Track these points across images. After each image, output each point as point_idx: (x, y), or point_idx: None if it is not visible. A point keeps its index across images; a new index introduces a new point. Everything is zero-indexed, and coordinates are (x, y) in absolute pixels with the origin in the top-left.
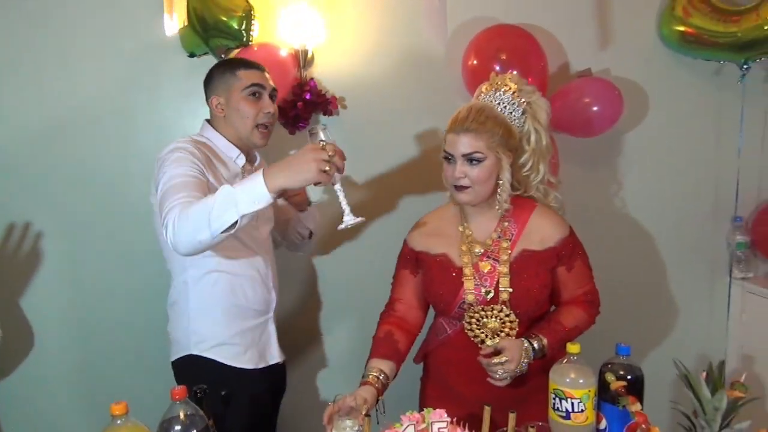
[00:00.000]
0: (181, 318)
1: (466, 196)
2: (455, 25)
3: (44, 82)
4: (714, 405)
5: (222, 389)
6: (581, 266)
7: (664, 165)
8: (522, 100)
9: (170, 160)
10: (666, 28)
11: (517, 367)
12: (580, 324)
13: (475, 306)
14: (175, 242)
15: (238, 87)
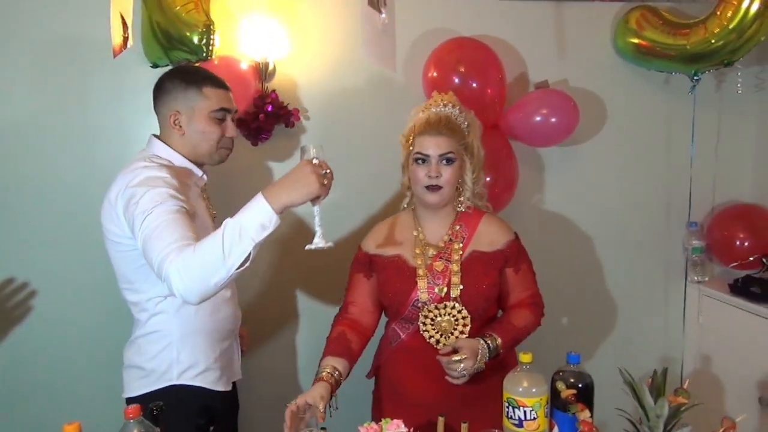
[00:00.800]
0: (162, 348)
1: (437, 196)
2: (415, 37)
3: (1, 94)
4: (656, 412)
5: (205, 415)
6: (527, 270)
7: (620, 172)
8: (463, 112)
9: (146, 195)
10: (621, 40)
11: (475, 364)
12: (528, 325)
13: (429, 305)
14: (185, 292)
15: (205, 108)
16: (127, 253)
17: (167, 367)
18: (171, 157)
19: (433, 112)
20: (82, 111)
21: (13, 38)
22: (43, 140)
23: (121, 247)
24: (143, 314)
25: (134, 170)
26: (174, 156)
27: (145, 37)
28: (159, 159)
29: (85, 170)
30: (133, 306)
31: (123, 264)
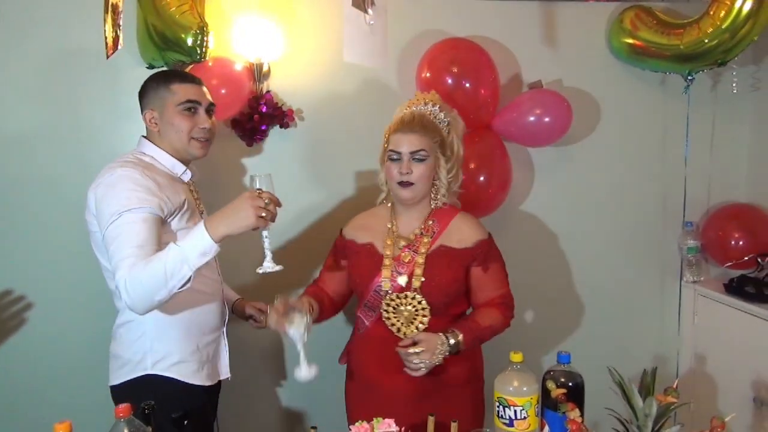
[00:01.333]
0: (137, 338)
1: (410, 192)
2: (409, 38)
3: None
4: (645, 411)
5: (179, 407)
6: (497, 270)
7: (614, 172)
8: (444, 111)
9: (115, 197)
10: (615, 41)
11: (432, 358)
12: (494, 324)
13: (391, 293)
14: (132, 304)
15: (173, 101)
16: (101, 243)
17: (142, 356)
18: (156, 155)
19: (408, 111)
20: (78, 114)
21: (16, 47)
22: (39, 145)
23: (97, 237)
24: (120, 302)
25: (111, 168)
26: (159, 153)
27: (141, 38)
28: (143, 156)
29: (81, 173)
30: (113, 294)
31: (100, 253)
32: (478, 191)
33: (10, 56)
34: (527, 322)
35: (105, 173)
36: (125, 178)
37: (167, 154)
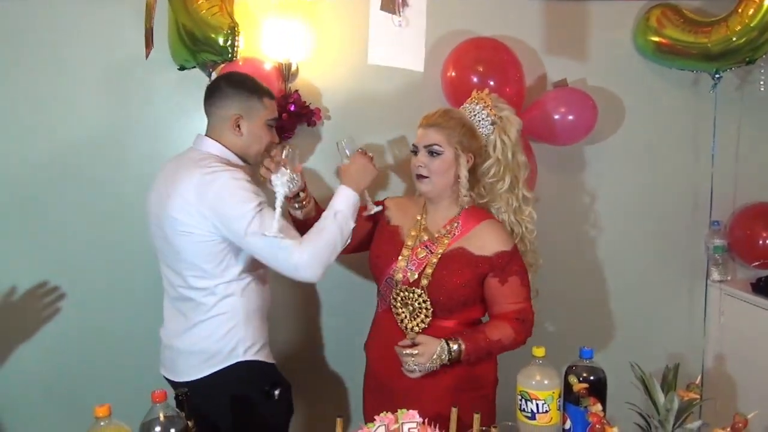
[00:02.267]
0: (229, 329)
1: (424, 185)
2: (435, 38)
3: (38, 101)
4: (666, 406)
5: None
6: (516, 283)
7: (641, 171)
8: (494, 112)
9: (237, 196)
10: (641, 39)
11: (427, 362)
12: (504, 339)
13: (401, 285)
14: (312, 275)
15: (264, 116)
16: (202, 243)
17: (234, 345)
18: (224, 155)
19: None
20: (115, 115)
21: (55, 49)
22: (77, 144)
23: (196, 238)
24: (210, 298)
25: (213, 171)
26: (227, 153)
27: (172, 40)
28: (217, 157)
29: (119, 172)
30: (197, 291)
31: (195, 253)
32: None
33: (69, 64)
34: (551, 319)
35: (206, 176)
36: (235, 179)
37: (234, 154)
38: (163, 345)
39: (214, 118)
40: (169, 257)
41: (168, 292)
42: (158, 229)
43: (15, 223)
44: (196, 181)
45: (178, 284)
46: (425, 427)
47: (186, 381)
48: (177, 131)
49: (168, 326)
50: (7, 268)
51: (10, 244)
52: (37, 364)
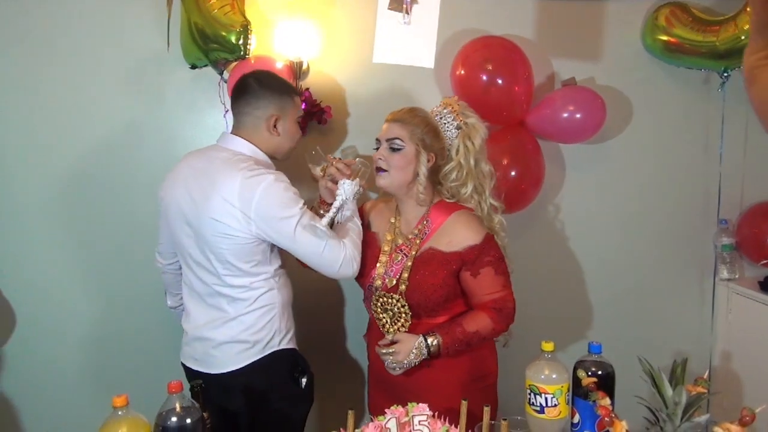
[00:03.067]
0: (268, 321)
1: (383, 180)
2: (446, 37)
3: (53, 100)
4: (674, 400)
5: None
6: (489, 274)
7: (648, 169)
8: (460, 118)
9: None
10: (649, 38)
11: (404, 359)
12: (481, 330)
13: (380, 291)
14: (354, 271)
15: (294, 113)
16: (243, 245)
17: (272, 336)
18: (255, 154)
19: None
20: (129, 113)
21: (67, 48)
22: (94, 144)
23: (237, 240)
24: (250, 293)
25: (256, 175)
26: (258, 153)
27: (184, 39)
28: (250, 157)
29: (132, 169)
30: (234, 289)
31: (234, 254)
32: (510, 187)
33: (92, 63)
34: (559, 315)
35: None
36: (278, 182)
37: (264, 152)
38: (191, 337)
39: (248, 118)
40: (203, 256)
41: (193, 287)
42: (189, 228)
43: (36, 221)
44: (239, 184)
45: (212, 282)
46: (435, 420)
47: (221, 372)
48: (189, 129)
49: (196, 319)
50: (28, 264)
51: (32, 241)
52: (55, 357)
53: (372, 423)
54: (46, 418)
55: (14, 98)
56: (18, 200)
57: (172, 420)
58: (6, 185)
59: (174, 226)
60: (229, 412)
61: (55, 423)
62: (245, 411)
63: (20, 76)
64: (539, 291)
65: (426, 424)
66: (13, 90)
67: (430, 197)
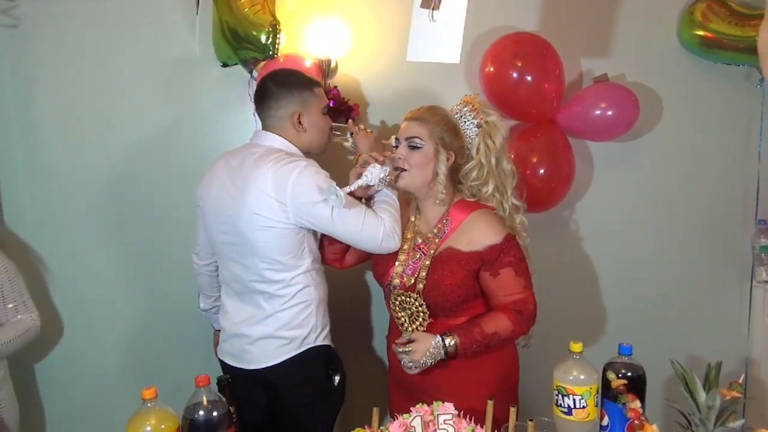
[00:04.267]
0: (306, 316)
1: (403, 180)
2: (476, 35)
3: (90, 101)
4: (708, 404)
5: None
6: (509, 275)
7: (684, 167)
8: (480, 116)
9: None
10: (685, 33)
11: (421, 358)
12: (500, 331)
13: (398, 290)
14: (395, 244)
15: (318, 105)
16: (281, 236)
17: (308, 332)
18: (289, 149)
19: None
20: (161, 113)
21: (103, 49)
22: (122, 140)
23: (275, 232)
24: (287, 289)
25: (288, 162)
26: (291, 148)
27: (216, 37)
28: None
29: (164, 169)
30: (273, 285)
31: (273, 247)
32: (539, 186)
33: (127, 64)
34: (586, 316)
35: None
36: (310, 167)
37: (296, 148)
38: (229, 333)
39: (273, 120)
40: (242, 253)
41: (230, 285)
42: (226, 226)
43: (73, 220)
44: (272, 174)
45: (249, 279)
46: (461, 420)
47: (257, 368)
48: (221, 127)
49: (234, 316)
50: (69, 263)
51: (73, 239)
52: (86, 351)
53: (397, 421)
54: (77, 409)
55: (55, 100)
56: (59, 201)
57: (199, 413)
58: (48, 187)
59: (211, 226)
60: (262, 407)
61: (86, 414)
62: (277, 407)
63: (58, 78)
64: (566, 291)
65: (451, 423)
66: (53, 92)
67: (450, 196)
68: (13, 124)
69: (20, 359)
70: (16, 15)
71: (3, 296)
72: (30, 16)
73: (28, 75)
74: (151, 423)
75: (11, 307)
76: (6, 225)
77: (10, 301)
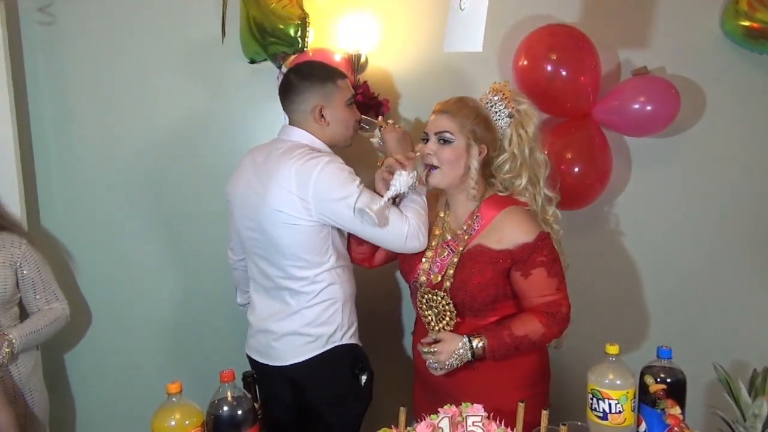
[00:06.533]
0: (331, 314)
1: (434, 178)
2: (510, 25)
3: (120, 96)
4: (753, 411)
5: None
6: (542, 275)
7: (728, 164)
8: (512, 105)
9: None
10: (729, 24)
11: (447, 359)
12: (531, 334)
13: (425, 287)
14: (420, 243)
15: (341, 97)
16: (305, 234)
17: (334, 330)
18: (314, 143)
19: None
20: (190, 109)
21: (133, 48)
22: (152, 137)
23: (299, 229)
24: (313, 286)
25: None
26: (316, 142)
27: (243, 34)
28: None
29: (193, 163)
30: (298, 282)
31: (297, 244)
32: (574, 182)
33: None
34: (625, 317)
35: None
36: (332, 163)
37: (322, 141)
38: (256, 329)
39: (296, 114)
40: (266, 249)
41: (258, 281)
42: (251, 222)
43: (103, 214)
44: (294, 170)
45: (275, 275)
46: (490, 422)
47: (282, 365)
48: (250, 123)
49: (261, 312)
50: (100, 257)
51: (104, 233)
52: (112, 345)
53: (424, 421)
54: (106, 402)
55: (87, 97)
56: (90, 194)
57: (223, 409)
58: (80, 181)
59: (238, 222)
60: (287, 404)
61: (115, 405)
62: (303, 405)
63: (90, 76)
64: (602, 291)
65: (480, 425)
66: (85, 89)
67: (481, 191)
68: (48, 120)
69: (51, 352)
70: (52, 12)
71: (33, 288)
72: (65, 13)
73: (61, 73)
74: (175, 417)
75: (40, 297)
76: (41, 219)
77: (40, 291)
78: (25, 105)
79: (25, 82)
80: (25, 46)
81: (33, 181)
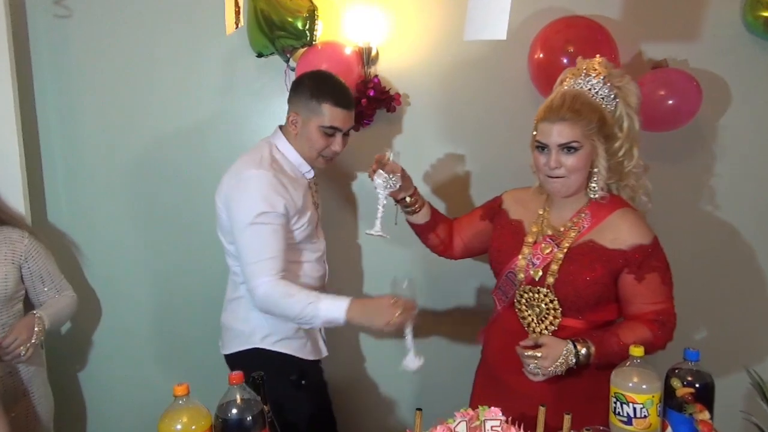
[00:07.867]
0: (246, 313)
1: (560, 185)
2: (524, 16)
3: (127, 91)
4: None
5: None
6: (656, 281)
7: (754, 160)
8: (612, 84)
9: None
10: (750, 15)
11: (551, 365)
12: (639, 343)
13: (524, 285)
14: (259, 308)
15: (318, 121)
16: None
17: (251, 330)
18: (287, 152)
19: (560, 91)
20: (196, 104)
21: (144, 41)
22: (159, 132)
23: (224, 222)
24: (237, 277)
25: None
26: (290, 151)
27: (251, 27)
28: (276, 152)
29: (198, 159)
30: (229, 270)
31: (224, 236)
32: None
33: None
34: None
35: (241, 168)
36: (257, 179)
37: (296, 153)
38: None
39: (287, 116)
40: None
41: None
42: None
43: (110, 211)
44: (233, 174)
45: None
46: (509, 426)
47: (225, 354)
48: (256, 117)
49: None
50: (106, 254)
51: (110, 230)
52: (121, 345)
53: (441, 426)
54: (115, 402)
55: (92, 85)
56: (96, 191)
57: (232, 411)
58: (86, 177)
59: None
60: None
61: (124, 407)
62: None
63: (96, 71)
64: None
65: (498, 430)
66: (89, 77)
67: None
68: (54, 115)
69: (57, 353)
70: (67, 6)
71: (42, 280)
72: (80, 7)
73: (68, 67)
74: (182, 421)
75: (49, 289)
76: (48, 216)
77: (48, 283)
78: (31, 100)
79: (32, 77)
80: (32, 40)
81: (40, 176)
